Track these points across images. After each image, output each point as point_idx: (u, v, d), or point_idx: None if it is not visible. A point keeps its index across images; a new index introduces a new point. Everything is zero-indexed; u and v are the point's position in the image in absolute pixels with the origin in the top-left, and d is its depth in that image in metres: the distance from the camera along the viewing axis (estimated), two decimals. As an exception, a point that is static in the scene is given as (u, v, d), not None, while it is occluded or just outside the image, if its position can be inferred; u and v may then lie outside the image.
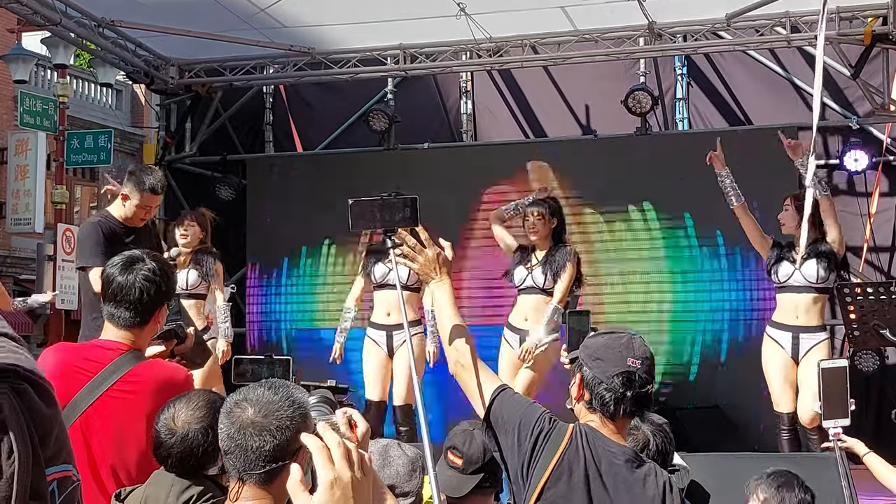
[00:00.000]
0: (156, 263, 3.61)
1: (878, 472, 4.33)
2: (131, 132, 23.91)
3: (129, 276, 3.55)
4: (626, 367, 3.05)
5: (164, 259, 3.76)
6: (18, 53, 18.12)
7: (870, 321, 5.29)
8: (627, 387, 3.04)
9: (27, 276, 20.62)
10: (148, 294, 3.54)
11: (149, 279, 3.55)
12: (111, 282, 3.55)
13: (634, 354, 3.08)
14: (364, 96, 10.99)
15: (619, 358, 3.07)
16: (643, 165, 9.82)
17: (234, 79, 10.39)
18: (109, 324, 3.59)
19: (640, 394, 3.07)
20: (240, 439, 2.19)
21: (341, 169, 10.62)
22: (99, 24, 9.32)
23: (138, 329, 3.58)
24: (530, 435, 3.07)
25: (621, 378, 3.04)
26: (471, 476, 3.53)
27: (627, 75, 10.31)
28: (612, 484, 3.03)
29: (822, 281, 6.87)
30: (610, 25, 9.25)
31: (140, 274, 3.55)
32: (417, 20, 9.01)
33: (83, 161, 17.98)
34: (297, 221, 10.61)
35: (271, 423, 2.12)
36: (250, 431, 2.19)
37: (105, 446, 3.43)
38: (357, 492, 1.71)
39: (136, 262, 3.60)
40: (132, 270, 3.56)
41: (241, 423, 2.20)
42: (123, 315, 3.55)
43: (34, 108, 17.50)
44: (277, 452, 2.12)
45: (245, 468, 2.15)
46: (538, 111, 10.94)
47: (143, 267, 3.57)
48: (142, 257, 3.63)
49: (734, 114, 10.39)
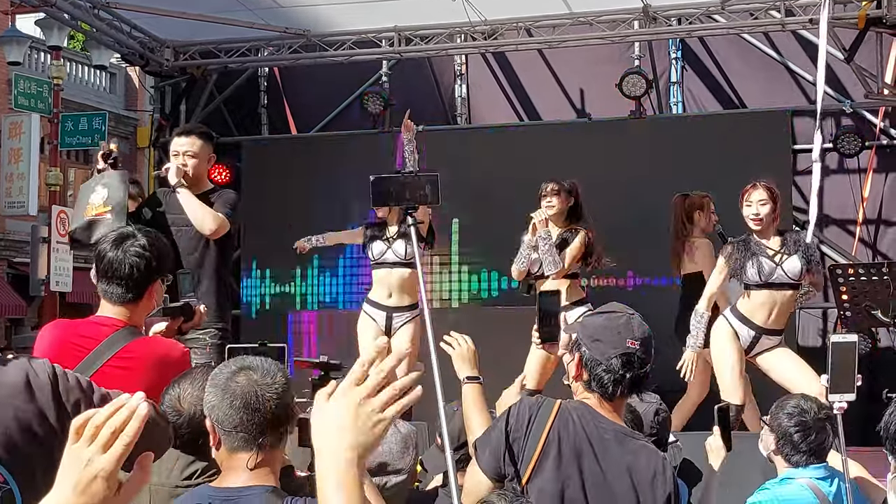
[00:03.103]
0: (147, 239, 3.62)
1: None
2: (125, 115, 23.87)
3: (118, 252, 3.57)
4: (625, 349, 3.06)
5: (158, 236, 3.75)
6: (12, 35, 18.05)
7: (861, 302, 5.32)
8: (627, 368, 3.05)
9: (21, 259, 20.61)
10: (138, 269, 3.55)
11: (139, 255, 3.56)
12: (103, 258, 3.58)
13: (633, 335, 3.08)
14: (359, 79, 10.99)
15: (617, 339, 3.07)
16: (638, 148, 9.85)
17: (230, 61, 10.38)
18: (104, 300, 3.61)
19: (639, 374, 3.08)
20: (255, 404, 2.23)
21: (336, 151, 10.64)
22: (94, 5, 9.31)
23: (132, 305, 3.59)
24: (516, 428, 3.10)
25: (620, 359, 3.05)
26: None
27: (622, 59, 10.32)
28: (604, 458, 3.05)
29: (801, 277, 6.45)
30: (605, 8, 9.27)
31: (130, 250, 3.57)
32: (412, 1, 9.01)
33: (77, 143, 17.97)
34: (292, 204, 10.63)
35: (278, 384, 2.17)
36: (263, 394, 2.24)
37: None
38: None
39: (128, 238, 3.61)
40: (122, 247, 3.58)
41: (249, 390, 2.24)
42: (116, 291, 3.57)
43: (28, 91, 17.47)
44: (281, 410, 2.17)
45: (262, 431, 2.19)
46: (533, 94, 10.95)
47: (135, 243, 3.59)
48: (133, 233, 3.65)
49: (728, 97, 10.42)
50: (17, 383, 2.12)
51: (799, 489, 3.85)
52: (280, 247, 10.68)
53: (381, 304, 7.62)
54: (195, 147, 5.72)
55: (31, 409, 2.12)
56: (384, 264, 7.54)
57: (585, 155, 9.97)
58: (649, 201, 8.95)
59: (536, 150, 10.04)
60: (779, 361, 6.56)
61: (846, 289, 5.67)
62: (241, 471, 2.27)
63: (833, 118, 10.02)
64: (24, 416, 2.10)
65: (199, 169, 5.73)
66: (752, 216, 6.42)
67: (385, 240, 7.52)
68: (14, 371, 2.15)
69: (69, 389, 2.18)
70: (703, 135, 9.97)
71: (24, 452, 2.08)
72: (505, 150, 10.21)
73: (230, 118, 11.46)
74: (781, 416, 3.96)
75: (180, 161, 5.67)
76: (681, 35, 9.83)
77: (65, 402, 2.16)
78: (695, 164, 9.72)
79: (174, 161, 5.72)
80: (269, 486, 2.22)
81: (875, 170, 9.87)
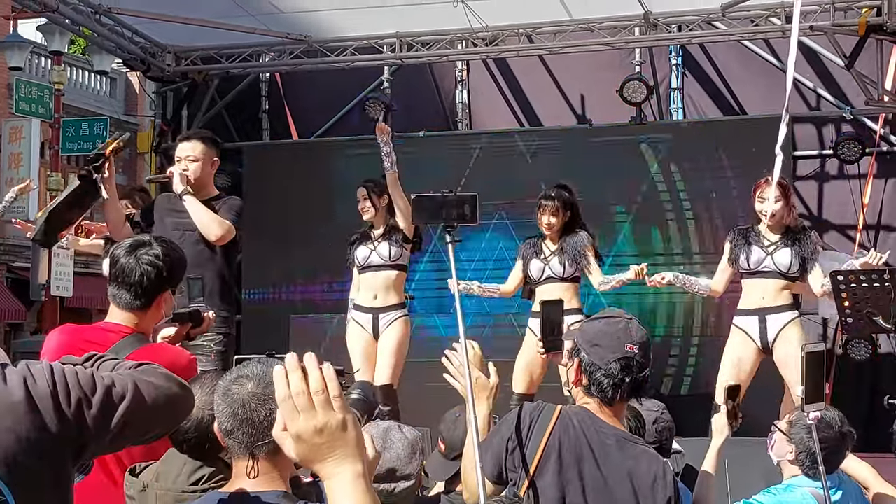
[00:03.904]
0: (162, 249, 3.63)
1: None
2: (125, 120, 23.88)
3: (131, 258, 3.58)
4: (623, 353, 3.09)
5: (174, 246, 3.76)
6: (14, 41, 18.10)
7: (863, 308, 5.33)
8: (626, 372, 3.09)
9: (21, 264, 20.62)
10: (148, 278, 3.56)
11: (151, 263, 3.57)
12: (115, 262, 3.59)
13: (632, 339, 3.11)
14: (360, 84, 11.01)
15: (616, 343, 3.11)
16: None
17: (231, 66, 10.40)
18: (112, 304, 3.63)
19: (638, 379, 3.11)
20: (244, 414, 2.23)
21: (337, 157, 10.66)
22: (95, 10, 9.32)
23: (140, 312, 3.60)
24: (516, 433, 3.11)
25: (619, 364, 3.08)
26: (453, 462, 3.62)
27: (623, 65, 10.34)
28: (604, 463, 3.07)
29: (795, 271, 6.57)
30: (605, 15, 9.29)
31: (144, 258, 3.58)
32: (414, 7, 9.03)
33: (78, 148, 17.99)
34: (293, 209, 10.64)
35: (272, 393, 2.16)
36: (254, 404, 2.23)
37: None
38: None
39: (143, 245, 3.63)
40: (136, 253, 3.59)
41: (241, 398, 2.25)
42: (124, 297, 3.58)
43: (29, 96, 17.51)
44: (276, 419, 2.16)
45: (254, 441, 2.19)
46: (533, 100, 10.96)
47: (149, 251, 3.60)
48: (149, 241, 3.66)
49: (728, 104, 10.43)
50: (17, 397, 2.10)
51: (802, 498, 3.86)
52: (281, 251, 10.71)
53: (367, 307, 7.65)
54: (196, 151, 5.73)
55: (32, 422, 2.10)
56: (370, 268, 7.57)
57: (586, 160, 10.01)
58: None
59: (537, 155, 10.09)
60: (786, 356, 6.51)
61: (847, 295, 5.68)
62: (244, 477, 2.28)
63: (833, 125, 10.05)
64: (25, 430, 2.09)
65: (201, 173, 5.74)
66: (767, 212, 6.55)
67: (369, 244, 7.56)
68: (13, 382, 2.13)
69: (70, 389, 2.17)
70: (703, 141, 10.00)
71: (24, 466, 2.07)
72: (505, 156, 10.24)
73: (231, 123, 11.47)
74: (802, 432, 3.93)
75: (182, 166, 5.68)
76: (681, 41, 9.85)
77: (65, 410, 2.15)
78: (695, 171, 9.77)
79: (176, 166, 5.73)
80: (281, 492, 2.23)
81: (875, 176, 9.89)
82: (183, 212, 5.65)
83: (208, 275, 5.55)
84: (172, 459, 2.98)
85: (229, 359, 4.87)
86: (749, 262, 6.65)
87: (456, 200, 3.77)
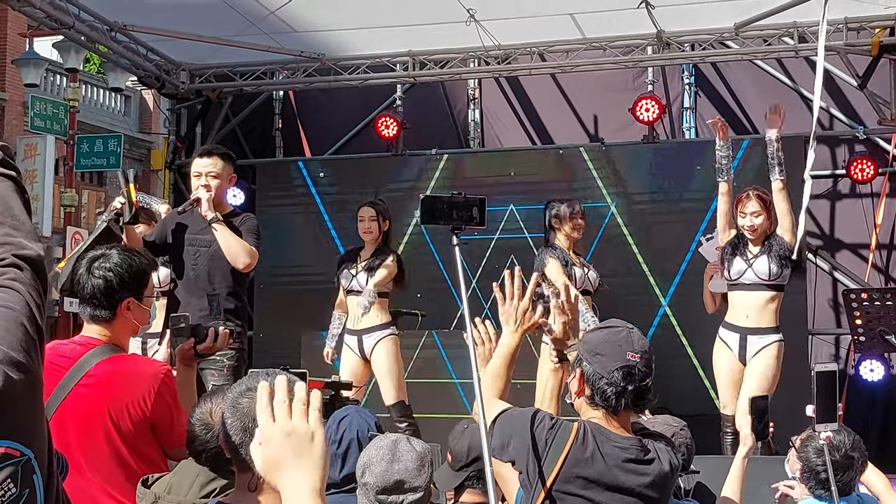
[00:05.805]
0: (119, 258, 3.66)
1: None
2: (139, 138, 23.99)
3: (85, 272, 3.64)
4: (625, 362, 3.12)
5: (133, 255, 3.74)
6: (30, 58, 18.20)
7: (876, 327, 5.34)
8: (628, 381, 3.11)
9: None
10: (100, 290, 3.61)
11: (103, 276, 3.61)
12: (74, 277, 3.67)
13: (633, 348, 3.15)
14: (373, 102, 11.05)
15: (618, 352, 3.14)
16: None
17: (245, 84, 10.45)
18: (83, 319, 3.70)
19: (641, 387, 3.14)
20: (253, 426, 2.24)
21: (350, 174, 10.69)
22: (111, 27, 9.38)
23: (107, 323, 3.65)
24: (531, 436, 3.12)
25: (622, 372, 3.11)
26: (458, 473, 3.62)
27: (635, 84, 10.36)
28: (625, 476, 3.09)
29: (776, 277, 6.61)
30: (618, 34, 9.31)
31: (96, 271, 3.62)
32: (427, 26, 9.07)
33: (93, 165, 18.07)
34: (306, 227, 10.67)
35: None
36: (248, 418, 2.23)
37: (80, 442, 3.49)
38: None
39: (98, 258, 3.67)
40: (90, 267, 3.64)
41: (251, 411, 2.25)
42: (86, 310, 3.67)
43: (44, 112, 17.60)
44: None
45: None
46: (546, 119, 10.98)
47: (102, 264, 3.64)
48: (106, 253, 3.69)
49: (741, 123, 10.43)
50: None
51: None
52: (293, 268, 10.73)
53: (353, 329, 7.72)
54: (217, 167, 5.75)
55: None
56: (352, 292, 7.64)
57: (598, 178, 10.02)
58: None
59: (549, 173, 10.11)
60: (748, 377, 6.64)
61: (860, 314, 5.69)
62: (244, 489, 2.29)
63: (846, 144, 10.04)
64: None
65: (220, 189, 5.77)
66: (748, 227, 6.72)
67: (353, 268, 7.62)
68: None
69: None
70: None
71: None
72: (518, 174, 10.25)
73: (245, 140, 11.51)
74: (810, 450, 3.92)
75: (203, 182, 5.69)
76: (694, 61, 9.87)
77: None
78: (707, 190, 9.76)
79: (196, 181, 5.74)
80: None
81: (888, 195, 9.87)
82: (197, 228, 5.67)
83: (222, 291, 5.57)
84: (186, 470, 2.98)
85: (241, 374, 4.86)
86: (730, 272, 6.78)
87: (464, 202, 3.75)
